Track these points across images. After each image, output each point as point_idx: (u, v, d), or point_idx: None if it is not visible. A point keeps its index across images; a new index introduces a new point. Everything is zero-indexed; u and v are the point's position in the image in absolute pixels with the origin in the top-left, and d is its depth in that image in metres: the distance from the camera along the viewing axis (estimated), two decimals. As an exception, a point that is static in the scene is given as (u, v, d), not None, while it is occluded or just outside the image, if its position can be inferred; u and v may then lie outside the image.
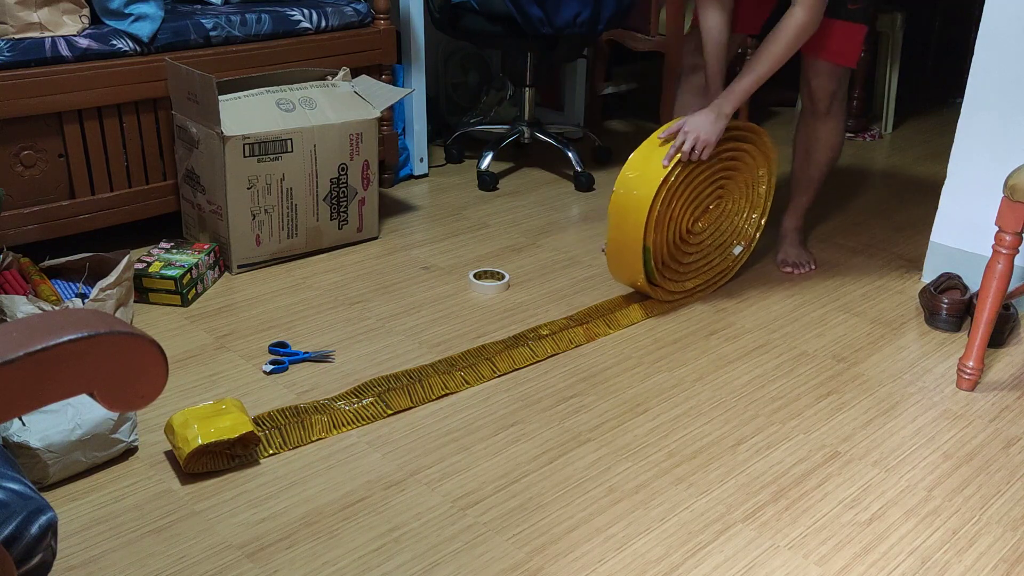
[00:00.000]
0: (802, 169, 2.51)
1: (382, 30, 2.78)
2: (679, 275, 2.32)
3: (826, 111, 2.39)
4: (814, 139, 2.44)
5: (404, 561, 1.45)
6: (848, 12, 2.25)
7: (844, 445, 1.77)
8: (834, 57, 2.30)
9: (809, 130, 2.45)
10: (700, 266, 2.36)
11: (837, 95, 2.38)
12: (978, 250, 2.36)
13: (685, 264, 2.32)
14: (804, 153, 2.48)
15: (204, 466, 1.64)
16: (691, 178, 2.21)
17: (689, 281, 2.34)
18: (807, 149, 2.47)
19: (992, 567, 1.47)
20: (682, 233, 2.27)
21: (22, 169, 2.27)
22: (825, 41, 2.27)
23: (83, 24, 2.30)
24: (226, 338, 2.09)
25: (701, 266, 2.37)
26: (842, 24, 2.25)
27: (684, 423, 1.83)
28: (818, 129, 2.42)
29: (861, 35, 2.29)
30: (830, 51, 2.29)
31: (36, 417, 1.57)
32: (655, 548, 1.49)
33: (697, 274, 2.36)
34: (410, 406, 1.85)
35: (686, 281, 2.33)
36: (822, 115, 2.40)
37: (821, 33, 2.21)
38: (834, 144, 2.46)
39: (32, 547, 0.86)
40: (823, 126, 2.42)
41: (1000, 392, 1.96)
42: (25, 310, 1.82)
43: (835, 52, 2.29)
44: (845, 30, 2.26)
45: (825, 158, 2.46)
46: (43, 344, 0.68)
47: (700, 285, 2.36)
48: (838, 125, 2.43)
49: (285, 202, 2.42)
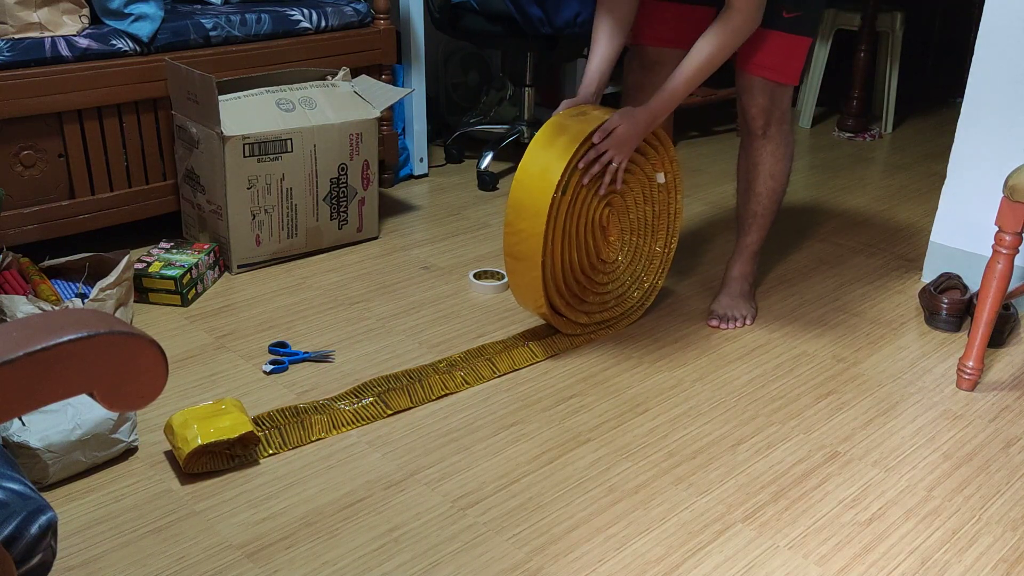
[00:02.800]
0: (744, 204, 2.20)
1: (382, 30, 2.78)
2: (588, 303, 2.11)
3: (762, 133, 2.10)
4: (752, 166, 2.15)
5: (404, 561, 1.45)
6: (784, 22, 1.99)
7: (844, 445, 1.77)
8: (766, 72, 2.03)
9: (746, 156, 2.16)
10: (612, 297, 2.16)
11: (774, 115, 2.08)
12: (978, 250, 2.36)
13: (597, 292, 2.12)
14: (745, 184, 2.18)
15: (204, 466, 1.64)
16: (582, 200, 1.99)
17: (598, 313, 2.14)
18: (747, 179, 2.17)
19: (992, 567, 1.47)
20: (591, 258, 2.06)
21: (22, 169, 2.26)
22: (756, 53, 2.02)
23: (83, 24, 2.30)
24: (226, 338, 2.09)
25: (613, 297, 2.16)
26: (777, 35, 2.00)
27: (684, 423, 1.83)
28: (754, 154, 2.13)
29: (800, 49, 2.04)
30: (761, 65, 2.03)
31: (36, 417, 1.57)
32: (655, 548, 1.49)
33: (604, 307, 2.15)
34: (410, 406, 1.85)
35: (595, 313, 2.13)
36: (758, 138, 2.11)
37: (753, 44, 1.99)
38: (775, 172, 2.14)
39: (32, 547, 0.86)
40: (760, 151, 2.12)
41: (1000, 392, 1.96)
42: (25, 310, 1.82)
43: (767, 66, 2.03)
44: (780, 42, 2.01)
45: (766, 189, 2.15)
46: (43, 344, 0.68)
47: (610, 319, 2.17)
48: (778, 150, 2.12)
49: (285, 202, 2.42)
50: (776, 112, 2.08)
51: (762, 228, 2.20)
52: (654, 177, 2.11)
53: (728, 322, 2.21)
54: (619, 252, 2.13)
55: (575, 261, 2.02)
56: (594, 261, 2.08)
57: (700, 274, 2.49)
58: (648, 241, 2.18)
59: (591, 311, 2.12)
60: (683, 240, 2.70)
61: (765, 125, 2.09)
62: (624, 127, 1.92)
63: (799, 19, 2.00)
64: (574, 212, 1.97)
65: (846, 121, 3.83)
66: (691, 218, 2.88)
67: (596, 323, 2.15)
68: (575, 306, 2.08)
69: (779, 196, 2.18)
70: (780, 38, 2.01)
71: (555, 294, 2.01)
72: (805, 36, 2.03)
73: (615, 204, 2.07)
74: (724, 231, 2.79)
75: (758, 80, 2.04)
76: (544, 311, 2.02)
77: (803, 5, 1.99)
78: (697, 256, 2.60)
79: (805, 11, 2.00)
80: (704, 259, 2.58)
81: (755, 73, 2.04)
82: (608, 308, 2.15)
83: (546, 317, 2.05)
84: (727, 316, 2.21)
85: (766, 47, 2.01)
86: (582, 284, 2.07)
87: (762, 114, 2.07)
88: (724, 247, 2.66)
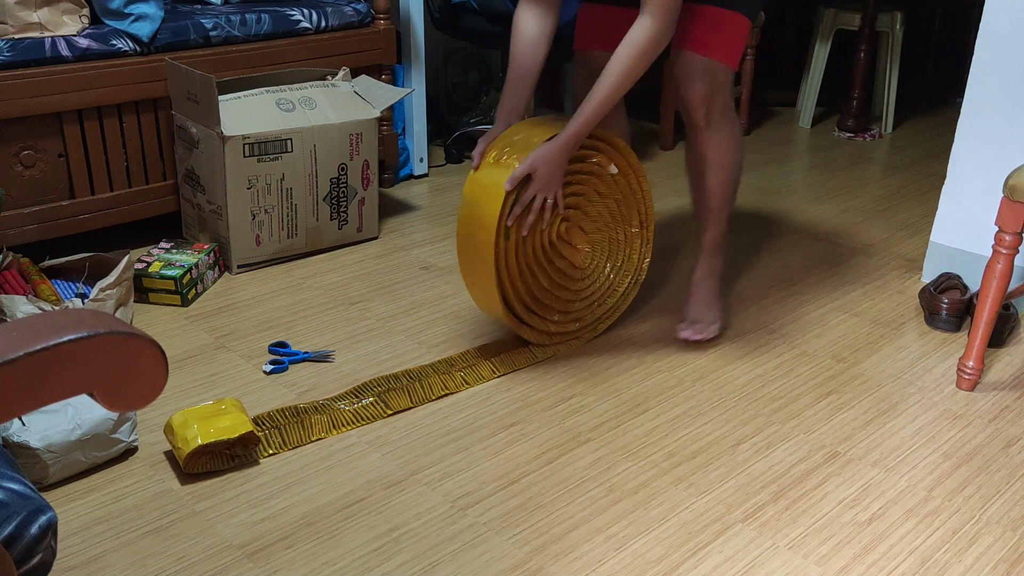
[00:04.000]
0: (698, 200, 2.09)
1: (382, 30, 2.78)
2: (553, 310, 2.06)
3: (705, 124, 1.96)
4: (699, 160, 2.02)
5: (404, 561, 1.45)
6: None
7: (844, 445, 1.77)
8: (702, 49, 1.89)
9: (692, 150, 2.03)
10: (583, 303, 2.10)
11: (715, 101, 1.94)
12: (978, 250, 2.36)
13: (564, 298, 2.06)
14: (695, 180, 2.07)
15: (204, 466, 1.64)
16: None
17: (590, 313, 2.11)
18: (696, 174, 2.06)
19: (992, 567, 1.47)
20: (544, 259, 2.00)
21: (22, 169, 2.26)
22: (690, 30, 1.89)
23: (83, 24, 2.30)
24: (226, 338, 2.09)
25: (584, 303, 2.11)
26: (711, 10, 1.89)
27: (684, 423, 1.83)
28: (700, 148, 2.00)
29: (738, 27, 1.91)
30: (696, 40, 1.89)
31: (36, 417, 1.57)
32: (655, 548, 1.49)
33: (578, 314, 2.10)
34: (410, 406, 1.85)
35: (567, 323, 2.08)
36: (701, 129, 1.97)
37: (686, 21, 1.87)
38: (725, 163, 2.01)
39: (32, 547, 0.86)
40: (706, 143, 1.98)
41: (1000, 392, 1.96)
42: (25, 310, 1.82)
43: (703, 43, 1.89)
44: (714, 16, 1.89)
45: (717, 182, 2.02)
46: (43, 344, 0.68)
47: (582, 328, 2.12)
48: (725, 140, 1.99)
49: (285, 202, 2.42)
50: (718, 99, 1.94)
51: (720, 223, 2.10)
52: (606, 172, 2.03)
53: (696, 331, 2.10)
54: (592, 253, 2.08)
55: (543, 285, 2.00)
56: (567, 273, 2.04)
57: (700, 274, 2.48)
58: (622, 228, 2.11)
59: (581, 316, 2.10)
60: (683, 239, 2.70)
61: (707, 114, 1.95)
62: (542, 168, 1.84)
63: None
64: (525, 247, 1.93)
65: (846, 121, 3.83)
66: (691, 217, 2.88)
67: (592, 322, 2.13)
68: (563, 321, 2.07)
69: (732, 187, 2.07)
70: (714, 13, 1.89)
71: (534, 318, 2.01)
72: (742, 13, 1.91)
73: (572, 216, 2.00)
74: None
75: (695, 58, 1.91)
76: (529, 335, 2.03)
77: None
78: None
79: None
80: (704, 259, 2.58)
81: (693, 50, 1.91)
82: (598, 304, 2.13)
83: (538, 340, 2.05)
84: (696, 321, 2.11)
85: (700, 23, 1.90)
86: (562, 298, 2.05)
87: (703, 102, 1.93)
88: (724, 247, 2.66)
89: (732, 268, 2.53)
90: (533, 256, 1.96)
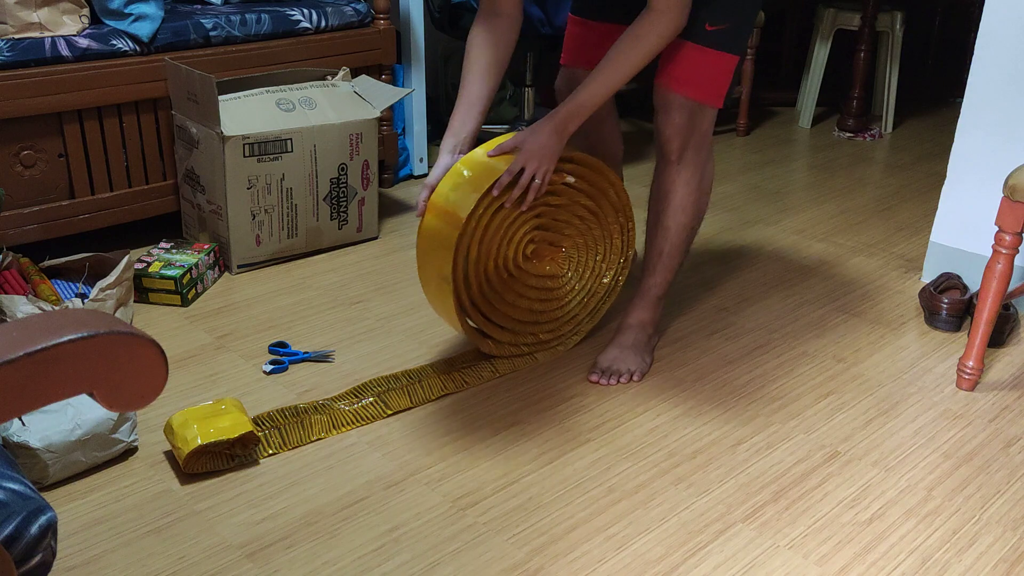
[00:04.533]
0: (650, 238, 1.96)
1: (382, 30, 2.78)
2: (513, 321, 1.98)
3: (676, 158, 1.86)
4: (662, 195, 1.91)
5: (404, 561, 1.45)
6: (707, 36, 1.78)
7: (844, 445, 1.77)
8: (685, 89, 1.81)
9: (658, 184, 1.92)
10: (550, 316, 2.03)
11: (691, 139, 1.84)
12: (978, 250, 2.36)
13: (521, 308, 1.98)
14: (654, 214, 1.94)
15: (204, 466, 1.64)
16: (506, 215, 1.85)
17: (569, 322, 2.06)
18: (656, 210, 1.93)
19: (992, 567, 1.47)
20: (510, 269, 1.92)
21: (22, 169, 2.26)
22: (675, 68, 1.81)
23: (83, 24, 2.30)
24: (226, 338, 2.09)
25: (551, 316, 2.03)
26: (698, 50, 1.79)
27: (684, 423, 1.83)
28: (666, 182, 1.89)
29: (726, 67, 1.82)
30: (680, 80, 1.81)
31: (36, 417, 1.57)
32: (655, 548, 1.49)
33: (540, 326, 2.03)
34: (410, 406, 1.85)
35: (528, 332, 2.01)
36: (671, 164, 1.87)
37: (672, 57, 1.80)
38: (686, 205, 1.90)
39: (32, 547, 0.86)
40: (673, 179, 1.88)
41: (1000, 392, 1.96)
42: (25, 310, 1.82)
43: (687, 83, 1.81)
44: (702, 58, 1.80)
45: (675, 224, 1.91)
46: (43, 344, 0.68)
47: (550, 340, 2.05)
48: (692, 179, 1.88)
49: (285, 202, 2.42)
50: (694, 136, 1.85)
51: (667, 270, 1.95)
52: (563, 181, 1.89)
53: (610, 377, 1.94)
54: (565, 264, 2.01)
55: (523, 306, 1.97)
56: (541, 292, 1.99)
57: (701, 273, 2.49)
58: (597, 226, 2.00)
59: (559, 328, 2.05)
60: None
61: (680, 149, 1.85)
62: (530, 141, 1.75)
63: (725, 33, 1.79)
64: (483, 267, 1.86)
65: (846, 121, 3.83)
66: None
67: (576, 325, 2.09)
68: (546, 338, 2.04)
69: (689, 234, 1.94)
70: (702, 53, 1.80)
71: (513, 342, 1.99)
72: (731, 53, 1.81)
73: (540, 236, 1.93)
74: (725, 229, 2.79)
75: (676, 97, 1.82)
76: (489, 348, 1.98)
77: (731, 17, 1.80)
78: (699, 254, 2.60)
79: (732, 24, 1.80)
80: (706, 259, 2.58)
81: (674, 89, 1.82)
82: (579, 309, 2.07)
83: (499, 352, 2.00)
84: (610, 370, 1.95)
85: (686, 61, 1.80)
86: (536, 314, 2.00)
87: (678, 135, 1.83)
88: (724, 244, 2.66)
89: (732, 269, 2.53)
90: (496, 275, 1.90)
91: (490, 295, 1.92)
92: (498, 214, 1.81)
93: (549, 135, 1.75)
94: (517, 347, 2.02)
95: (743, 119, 3.78)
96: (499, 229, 1.85)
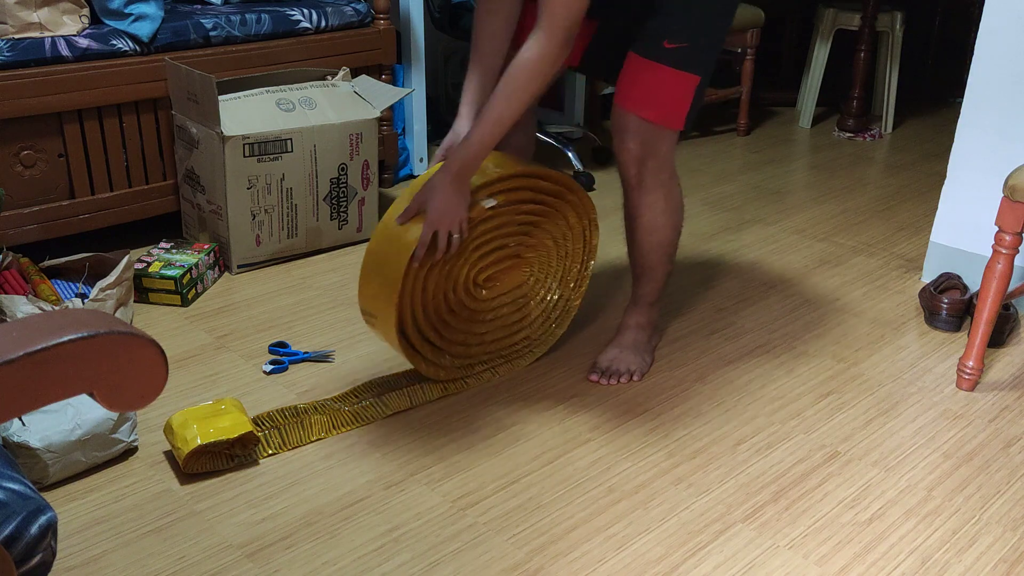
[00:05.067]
0: (631, 253, 1.94)
1: (382, 30, 2.78)
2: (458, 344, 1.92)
3: (636, 183, 1.81)
4: (629, 218, 1.88)
5: (404, 561, 1.45)
6: (666, 54, 1.70)
7: (844, 445, 1.77)
8: (642, 111, 1.74)
9: (626, 204, 1.88)
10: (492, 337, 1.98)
11: (647, 164, 1.78)
12: (978, 250, 2.36)
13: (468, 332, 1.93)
14: (629, 232, 1.92)
15: (203, 466, 1.64)
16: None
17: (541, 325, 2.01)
18: (628, 230, 1.91)
19: (992, 567, 1.47)
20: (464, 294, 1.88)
21: (22, 169, 2.26)
22: (632, 87, 1.74)
23: (83, 24, 2.30)
24: (226, 338, 2.09)
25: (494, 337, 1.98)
26: (656, 68, 1.71)
27: (684, 423, 1.83)
28: (631, 205, 1.85)
29: (686, 87, 1.73)
30: (634, 99, 1.74)
31: (36, 417, 1.57)
32: (655, 548, 1.49)
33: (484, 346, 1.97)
34: (409, 407, 1.85)
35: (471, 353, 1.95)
36: (632, 188, 1.82)
37: (629, 76, 1.73)
38: (655, 227, 1.85)
39: (32, 547, 0.86)
40: (636, 202, 1.84)
41: (1000, 392, 1.96)
42: (25, 310, 1.82)
43: (641, 102, 1.74)
44: (660, 77, 1.72)
45: (650, 243, 1.88)
46: (43, 344, 0.68)
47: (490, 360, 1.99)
48: (657, 203, 1.83)
49: (285, 202, 2.42)
50: (651, 161, 1.78)
51: (654, 280, 1.94)
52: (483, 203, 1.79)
53: (610, 377, 1.93)
54: (528, 269, 1.98)
55: (488, 335, 1.95)
56: (513, 304, 1.97)
57: (701, 272, 2.49)
58: (550, 224, 1.94)
59: (532, 333, 2.02)
60: (684, 238, 2.70)
61: (639, 175, 1.80)
62: (433, 201, 1.68)
63: (684, 52, 1.70)
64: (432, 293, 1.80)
65: (846, 121, 3.83)
66: (692, 218, 2.88)
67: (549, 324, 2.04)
68: (530, 345, 2.02)
69: (667, 251, 1.90)
70: (661, 72, 1.71)
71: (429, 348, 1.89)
72: (692, 73, 1.72)
73: (493, 260, 1.89)
74: (725, 229, 2.79)
75: (632, 119, 1.75)
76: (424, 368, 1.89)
77: (691, 36, 1.71)
78: (699, 254, 2.60)
79: (693, 43, 1.71)
80: (706, 256, 2.58)
81: (629, 109, 1.75)
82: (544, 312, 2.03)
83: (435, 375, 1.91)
84: (610, 370, 1.94)
85: (642, 81, 1.73)
86: (501, 329, 1.97)
87: (634, 162, 1.78)
88: (724, 244, 2.66)
89: (732, 269, 2.53)
90: (443, 298, 1.85)
91: (443, 327, 1.88)
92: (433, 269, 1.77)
93: (449, 192, 1.68)
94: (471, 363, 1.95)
95: (743, 119, 3.78)
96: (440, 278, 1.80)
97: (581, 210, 1.94)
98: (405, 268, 1.70)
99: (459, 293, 1.87)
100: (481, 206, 1.76)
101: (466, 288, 1.88)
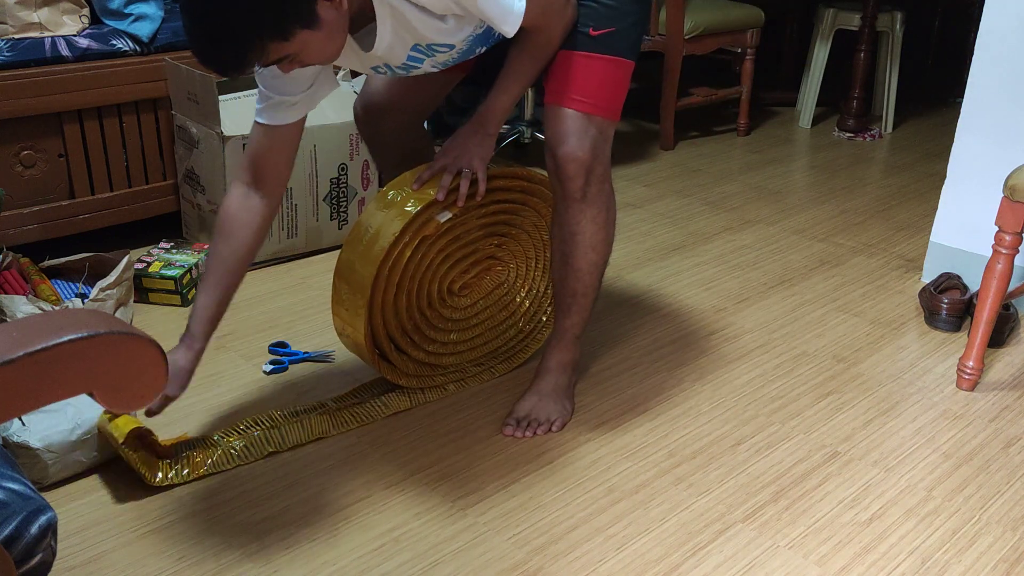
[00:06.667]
0: (560, 280, 1.75)
1: (382, 30, 2.78)
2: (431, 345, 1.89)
3: (580, 196, 1.65)
4: (568, 237, 1.70)
5: (404, 561, 1.45)
6: (592, 42, 1.60)
7: (844, 445, 1.77)
8: (576, 103, 1.61)
9: (560, 225, 1.70)
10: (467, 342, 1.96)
11: (595, 171, 1.64)
12: (978, 250, 2.36)
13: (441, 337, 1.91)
14: (560, 257, 1.73)
15: (166, 472, 1.61)
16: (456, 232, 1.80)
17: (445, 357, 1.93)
18: (562, 252, 1.72)
19: (992, 567, 1.47)
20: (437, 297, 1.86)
21: (22, 169, 2.27)
22: (561, 82, 1.62)
23: (83, 24, 2.30)
24: (226, 338, 2.09)
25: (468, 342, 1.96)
26: (585, 57, 1.61)
27: (684, 423, 1.83)
28: (571, 222, 1.68)
29: (619, 73, 1.64)
30: (569, 94, 1.61)
31: (36, 417, 1.57)
32: (655, 548, 1.49)
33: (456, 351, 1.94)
34: (409, 407, 1.85)
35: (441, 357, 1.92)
36: (576, 202, 1.65)
37: (557, 71, 1.63)
38: (596, 243, 1.70)
39: (32, 547, 0.86)
40: (578, 218, 1.67)
41: (1000, 392, 1.96)
42: (25, 310, 1.82)
43: (577, 94, 1.61)
44: (594, 67, 1.61)
45: (587, 263, 1.71)
46: (43, 344, 0.68)
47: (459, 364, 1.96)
48: (599, 215, 1.68)
49: (285, 202, 2.42)
50: (598, 168, 1.64)
51: (584, 309, 1.77)
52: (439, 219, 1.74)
53: (526, 428, 1.77)
54: (504, 271, 1.97)
55: (479, 338, 1.95)
56: (495, 306, 1.97)
57: (700, 273, 2.49)
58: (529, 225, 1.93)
59: (524, 327, 2.02)
60: (684, 237, 2.70)
61: (585, 185, 1.64)
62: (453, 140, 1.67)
63: (612, 37, 1.61)
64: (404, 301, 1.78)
65: (846, 121, 3.83)
66: (693, 217, 2.88)
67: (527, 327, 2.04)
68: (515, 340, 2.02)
69: (601, 270, 1.75)
70: (595, 62, 1.61)
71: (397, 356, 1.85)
72: (623, 57, 1.63)
73: (465, 269, 1.89)
74: (725, 229, 2.78)
75: (570, 115, 1.61)
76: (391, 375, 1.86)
77: (616, 19, 1.62)
78: (699, 254, 2.60)
79: (620, 26, 1.61)
80: (705, 258, 2.58)
81: (565, 104, 1.62)
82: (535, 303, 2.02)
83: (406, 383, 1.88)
84: (527, 420, 1.78)
85: (575, 72, 1.62)
86: (491, 331, 1.97)
87: (582, 171, 1.62)
88: (724, 244, 2.66)
89: (732, 269, 2.53)
90: (421, 315, 1.84)
91: (426, 342, 1.88)
92: (400, 291, 1.75)
93: (468, 132, 1.66)
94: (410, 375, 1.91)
95: (743, 119, 3.78)
96: (410, 298, 1.80)
97: (547, 196, 1.89)
98: (372, 281, 1.68)
99: (436, 307, 1.87)
100: (436, 220, 1.71)
101: (441, 300, 1.87)
